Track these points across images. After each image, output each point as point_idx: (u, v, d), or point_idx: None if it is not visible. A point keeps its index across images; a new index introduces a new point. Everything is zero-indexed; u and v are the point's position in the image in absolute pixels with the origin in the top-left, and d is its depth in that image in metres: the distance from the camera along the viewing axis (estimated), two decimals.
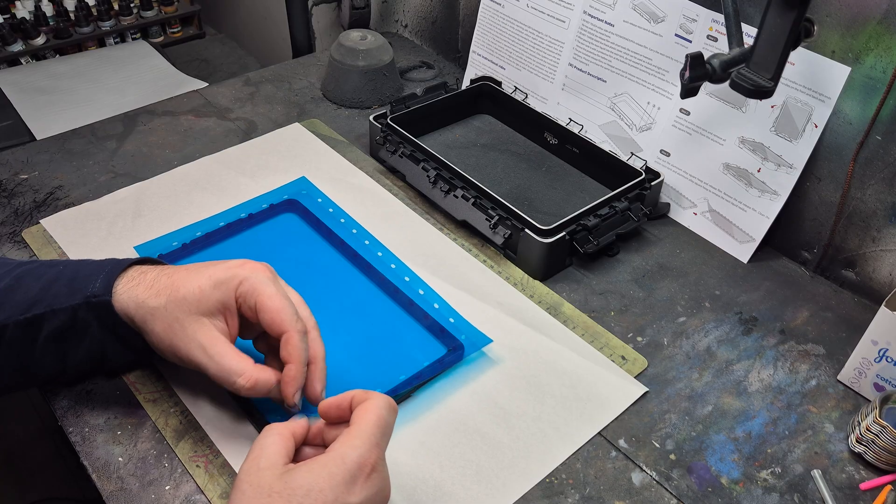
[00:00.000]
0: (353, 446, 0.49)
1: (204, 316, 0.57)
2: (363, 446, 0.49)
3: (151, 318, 0.57)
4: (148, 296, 0.58)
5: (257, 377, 0.56)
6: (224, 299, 0.57)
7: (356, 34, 1.05)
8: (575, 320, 0.74)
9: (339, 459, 0.48)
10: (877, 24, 0.69)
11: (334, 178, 0.90)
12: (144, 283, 0.58)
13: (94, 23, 1.67)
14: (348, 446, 0.49)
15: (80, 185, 0.88)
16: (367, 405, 0.51)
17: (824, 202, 0.80)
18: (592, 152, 0.90)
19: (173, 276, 0.58)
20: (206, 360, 0.56)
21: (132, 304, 0.58)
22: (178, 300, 0.57)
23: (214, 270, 0.58)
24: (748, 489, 0.61)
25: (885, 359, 0.65)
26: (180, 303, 0.57)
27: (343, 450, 0.48)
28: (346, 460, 0.48)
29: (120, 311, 0.58)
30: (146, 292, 0.58)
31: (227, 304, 0.57)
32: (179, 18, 1.81)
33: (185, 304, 0.56)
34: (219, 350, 0.56)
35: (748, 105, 0.80)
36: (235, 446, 0.61)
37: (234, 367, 0.56)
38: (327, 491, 0.47)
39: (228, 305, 0.58)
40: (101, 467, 0.59)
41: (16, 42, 1.59)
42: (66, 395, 0.64)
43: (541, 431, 0.63)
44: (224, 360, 0.56)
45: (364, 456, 0.48)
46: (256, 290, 0.57)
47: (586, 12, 0.91)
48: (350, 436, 0.49)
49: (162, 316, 0.57)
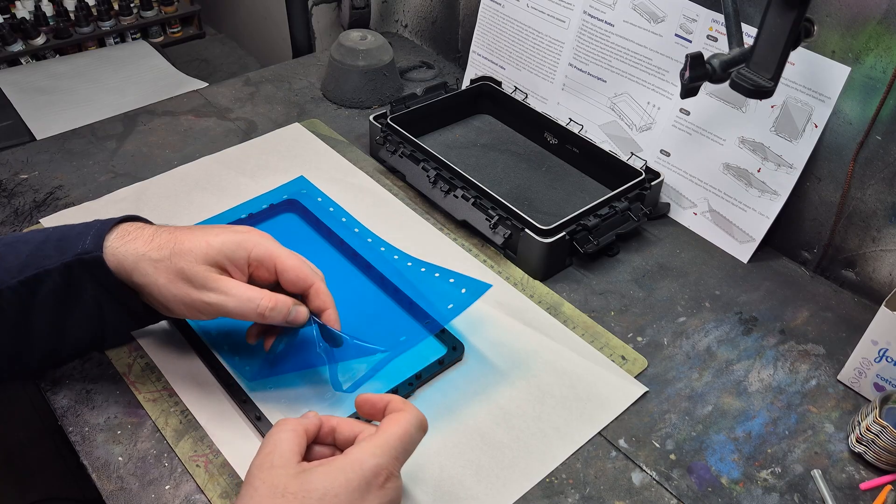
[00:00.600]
0: (372, 454, 0.49)
1: (210, 265, 0.58)
2: (383, 456, 0.49)
3: (154, 271, 0.58)
4: (149, 249, 0.58)
5: (276, 298, 0.59)
6: (234, 258, 0.59)
7: (356, 34, 1.05)
8: (575, 320, 0.74)
9: (356, 465, 0.48)
10: (877, 24, 0.69)
11: (334, 178, 0.90)
12: (143, 238, 0.59)
13: (94, 23, 1.67)
14: (368, 453, 0.49)
15: (80, 184, 0.88)
16: (399, 416, 0.51)
17: (824, 202, 0.80)
18: (592, 152, 0.90)
19: (175, 233, 0.60)
20: (222, 297, 0.58)
21: (131, 257, 0.58)
22: (184, 252, 0.58)
23: (222, 231, 0.60)
24: (748, 489, 0.61)
25: (885, 359, 0.65)
26: (186, 254, 0.58)
27: (362, 456, 0.48)
28: (363, 466, 0.48)
29: (115, 266, 0.58)
30: (146, 246, 0.58)
31: (235, 262, 0.60)
32: (179, 18, 1.81)
33: (191, 255, 0.58)
34: (233, 284, 0.59)
35: (748, 105, 0.80)
36: (235, 446, 0.61)
37: (253, 294, 0.58)
38: (342, 495, 0.47)
39: (238, 264, 0.60)
40: (101, 467, 0.59)
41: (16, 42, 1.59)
42: (66, 395, 0.64)
43: (541, 431, 0.63)
44: (241, 291, 0.58)
45: (381, 465, 0.48)
46: (272, 252, 0.60)
47: (586, 12, 0.91)
48: (372, 443, 0.49)
49: (166, 267, 0.58)
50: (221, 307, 0.58)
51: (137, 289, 0.59)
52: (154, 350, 0.68)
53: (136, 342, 0.68)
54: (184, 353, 0.68)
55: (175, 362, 0.67)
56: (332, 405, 0.64)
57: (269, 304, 0.58)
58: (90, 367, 0.66)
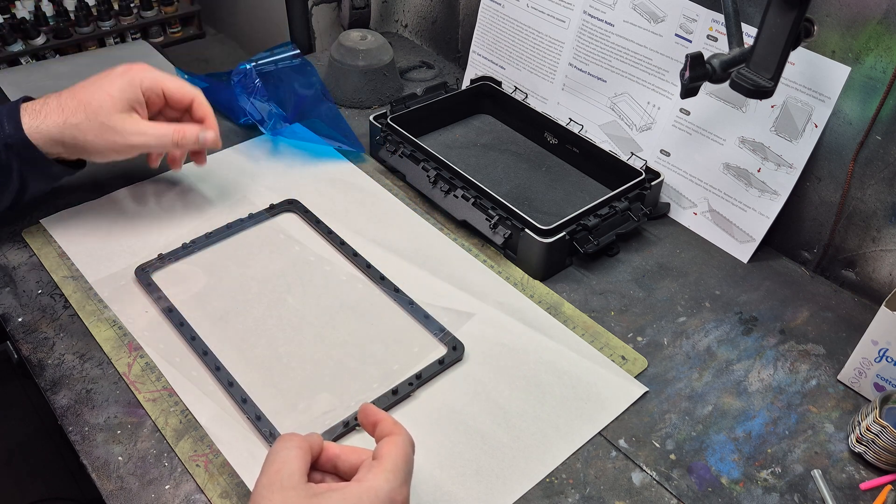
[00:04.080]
0: (386, 480, 0.48)
1: (123, 112, 0.72)
2: (395, 480, 0.48)
3: (80, 132, 0.70)
4: (66, 117, 0.70)
5: (184, 127, 0.74)
6: (133, 96, 0.72)
7: (356, 34, 1.05)
8: (575, 320, 0.74)
9: (372, 492, 0.47)
10: (877, 24, 0.69)
11: (334, 178, 0.90)
12: (54, 110, 0.70)
13: (94, 23, 1.67)
14: (382, 479, 0.48)
15: (80, 184, 0.87)
16: (396, 440, 0.50)
17: (824, 202, 0.80)
18: (592, 152, 0.90)
19: (77, 96, 0.71)
20: (143, 138, 0.72)
21: (55, 128, 0.70)
22: (96, 109, 0.70)
23: (112, 79, 0.73)
24: (748, 489, 0.61)
25: (885, 359, 0.65)
26: (97, 111, 0.70)
27: (377, 483, 0.48)
28: (379, 493, 0.47)
29: (43, 141, 0.70)
30: (61, 115, 0.70)
31: (136, 99, 0.73)
32: (179, 18, 1.80)
33: (102, 111, 0.70)
34: (147, 125, 0.73)
35: (748, 105, 0.80)
36: (235, 446, 0.61)
37: (165, 130, 0.74)
38: None
39: (138, 99, 0.73)
40: (101, 467, 0.59)
41: (16, 42, 1.59)
42: (66, 395, 0.64)
43: (541, 431, 0.63)
44: (155, 129, 0.73)
45: (395, 490, 0.48)
46: (157, 78, 0.75)
47: (586, 12, 0.91)
48: (382, 469, 0.48)
49: (88, 126, 0.70)
50: (143, 145, 0.73)
51: (68, 150, 0.71)
52: (154, 350, 0.68)
53: (136, 342, 0.68)
54: (184, 353, 0.68)
55: (175, 362, 0.67)
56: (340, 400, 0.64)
57: (180, 134, 0.74)
58: (90, 367, 0.66)
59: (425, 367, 0.67)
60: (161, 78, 0.75)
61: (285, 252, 0.79)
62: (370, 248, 0.80)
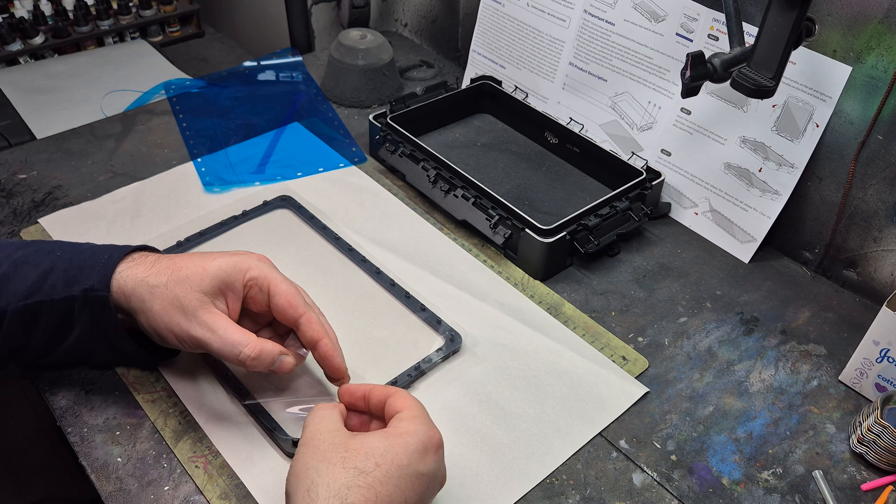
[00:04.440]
0: (422, 422, 0.52)
1: (206, 295, 0.58)
2: (429, 423, 0.52)
3: (150, 297, 0.57)
4: (148, 274, 0.58)
5: (261, 346, 0.57)
6: (230, 281, 0.58)
7: (356, 33, 1.05)
8: (575, 320, 0.74)
9: (410, 432, 0.51)
10: (878, 24, 0.69)
11: (334, 178, 0.90)
12: (145, 265, 0.59)
13: (92, 22, 1.66)
14: (417, 423, 0.52)
15: (79, 184, 0.87)
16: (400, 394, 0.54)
17: (826, 202, 0.79)
18: (593, 152, 0.89)
19: (175, 259, 0.59)
20: (208, 334, 0.57)
21: (130, 281, 0.58)
22: (181, 279, 0.57)
23: (219, 255, 0.60)
24: (749, 490, 0.61)
25: (886, 359, 0.65)
26: (182, 281, 0.57)
27: (412, 426, 0.51)
28: (417, 433, 0.51)
29: (115, 292, 0.58)
30: (146, 271, 0.58)
31: (231, 287, 0.59)
32: (178, 17, 1.80)
33: (187, 283, 0.57)
34: (222, 324, 0.57)
35: (749, 104, 0.80)
36: (235, 447, 0.60)
37: (239, 339, 0.57)
38: (402, 455, 0.49)
39: (234, 288, 0.59)
40: (100, 468, 0.59)
41: (14, 41, 1.58)
42: (65, 396, 0.64)
43: (541, 432, 0.63)
44: (228, 333, 0.57)
45: (431, 432, 0.52)
46: (268, 276, 0.60)
47: (587, 11, 0.91)
48: (413, 417, 0.52)
49: (161, 294, 0.57)
50: (206, 344, 0.57)
51: (133, 315, 0.59)
52: None
53: None
54: (183, 354, 0.67)
55: (174, 363, 0.66)
56: None
57: (252, 353, 0.57)
58: (89, 368, 0.66)
59: (423, 358, 0.67)
60: (273, 277, 0.60)
61: (279, 248, 0.79)
62: (369, 247, 0.79)
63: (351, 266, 0.77)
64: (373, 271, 0.76)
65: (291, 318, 0.60)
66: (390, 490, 0.48)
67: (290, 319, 0.60)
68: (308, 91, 1.03)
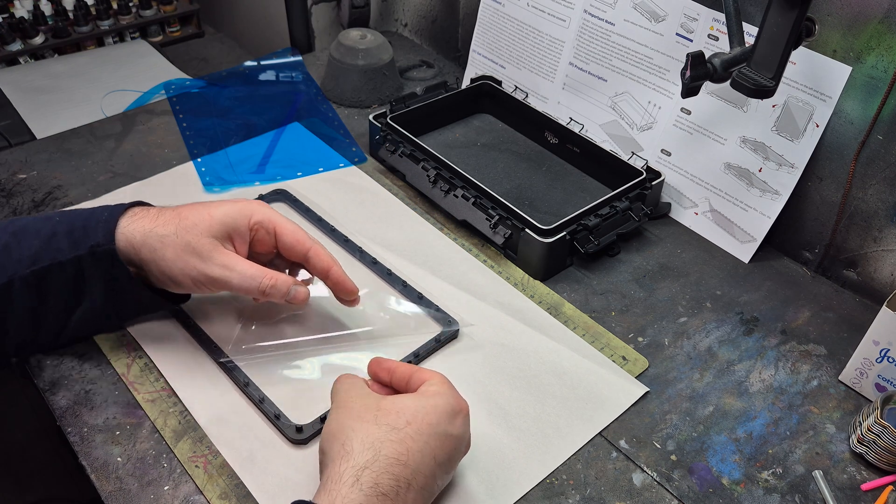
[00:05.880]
0: (450, 389, 0.55)
1: (216, 238, 0.61)
2: (457, 392, 0.55)
3: (161, 245, 0.60)
4: (155, 225, 0.61)
5: (277, 276, 0.62)
6: (235, 226, 0.62)
7: (356, 33, 1.05)
8: (575, 320, 0.74)
9: (441, 394, 0.53)
10: (878, 24, 0.69)
11: (334, 178, 0.90)
12: (148, 217, 0.61)
13: (92, 22, 1.66)
14: (446, 388, 0.54)
15: (79, 184, 0.87)
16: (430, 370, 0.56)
17: (826, 202, 0.79)
18: (593, 152, 0.89)
19: (178, 210, 0.62)
20: (227, 273, 0.60)
21: (139, 234, 0.60)
22: (189, 226, 0.60)
23: (222, 203, 0.63)
24: (749, 490, 0.61)
25: (886, 359, 0.65)
26: (191, 228, 0.60)
27: (442, 389, 0.54)
28: (446, 397, 0.53)
29: (124, 246, 0.60)
30: (152, 223, 0.61)
31: (237, 231, 0.62)
32: (178, 17, 1.80)
33: (195, 229, 0.60)
34: (238, 262, 0.61)
35: (749, 104, 0.80)
36: (235, 447, 0.60)
37: (255, 272, 0.61)
38: (432, 415, 0.52)
39: (240, 232, 0.62)
40: (100, 467, 0.59)
41: (14, 41, 1.58)
42: (65, 396, 0.64)
43: (541, 431, 0.63)
44: (244, 268, 0.61)
45: (457, 398, 0.54)
46: (272, 218, 0.64)
47: (587, 11, 0.91)
48: (442, 383, 0.55)
49: (173, 242, 0.60)
50: (225, 282, 0.60)
51: (144, 265, 0.61)
52: (153, 350, 0.67)
53: (136, 342, 0.68)
54: (183, 353, 0.67)
55: (174, 363, 0.66)
56: None
57: (270, 282, 0.61)
58: (89, 368, 0.66)
59: (422, 345, 0.68)
60: (277, 218, 0.64)
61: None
62: (369, 246, 0.79)
63: (347, 257, 0.78)
64: (369, 261, 0.77)
65: (300, 253, 0.64)
66: (421, 446, 0.50)
67: (298, 254, 0.64)
68: (308, 91, 1.03)
